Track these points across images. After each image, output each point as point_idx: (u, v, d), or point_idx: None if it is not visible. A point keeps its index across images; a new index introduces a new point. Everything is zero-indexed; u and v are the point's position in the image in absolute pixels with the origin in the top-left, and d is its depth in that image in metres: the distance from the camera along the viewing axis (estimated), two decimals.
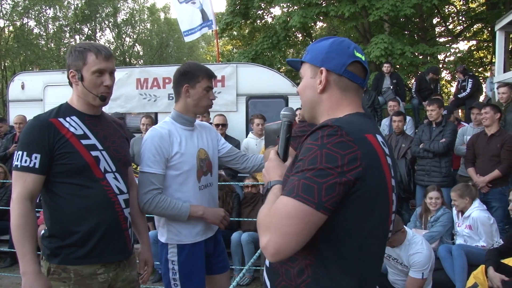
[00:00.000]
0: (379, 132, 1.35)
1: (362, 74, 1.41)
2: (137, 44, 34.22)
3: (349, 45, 1.41)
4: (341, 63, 1.37)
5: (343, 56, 1.38)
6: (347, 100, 1.40)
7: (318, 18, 15.36)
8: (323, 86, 1.39)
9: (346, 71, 1.37)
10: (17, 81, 8.78)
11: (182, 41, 32.95)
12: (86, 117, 2.14)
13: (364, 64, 1.41)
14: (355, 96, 1.41)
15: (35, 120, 2.06)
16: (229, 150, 2.79)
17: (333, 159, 1.16)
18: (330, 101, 1.40)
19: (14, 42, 26.05)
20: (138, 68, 8.47)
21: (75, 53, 2.09)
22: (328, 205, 1.15)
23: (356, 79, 1.39)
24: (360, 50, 1.43)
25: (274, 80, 7.59)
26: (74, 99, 2.17)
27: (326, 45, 1.42)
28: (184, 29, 9.87)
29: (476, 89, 9.13)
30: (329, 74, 1.38)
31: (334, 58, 1.38)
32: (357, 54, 1.39)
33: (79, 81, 2.09)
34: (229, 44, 24.95)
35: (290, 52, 22.37)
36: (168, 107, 7.53)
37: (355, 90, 1.41)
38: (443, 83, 19.07)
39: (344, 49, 1.39)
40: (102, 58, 2.09)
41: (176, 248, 2.49)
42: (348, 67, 1.38)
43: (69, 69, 2.11)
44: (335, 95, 1.40)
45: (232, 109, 7.58)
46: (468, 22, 17.87)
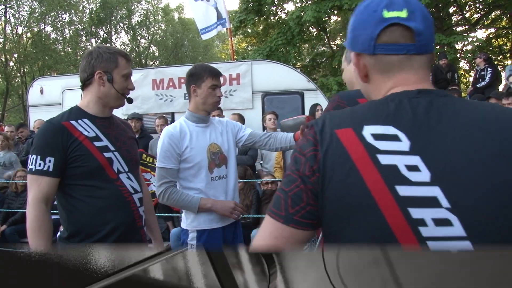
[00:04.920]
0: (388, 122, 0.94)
1: (405, 38, 0.99)
2: (152, 45, 34.48)
3: (377, 5, 1.01)
4: (367, 39, 1.01)
5: (368, 27, 1.01)
6: (390, 82, 1.02)
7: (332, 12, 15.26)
8: (361, 75, 1.08)
9: (377, 47, 1.00)
10: (36, 86, 8.92)
11: (197, 40, 33.22)
12: (97, 119, 2.17)
13: (404, 23, 0.98)
14: (404, 71, 1.01)
15: (48, 123, 2.10)
16: (249, 136, 2.94)
17: (297, 162, 0.97)
18: (375, 88, 1.07)
19: (32, 48, 26.51)
20: (154, 69, 8.54)
21: (105, 55, 2.13)
22: (298, 218, 0.95)
23: (396, 49, 1.00)
24: (398, 5, 1.00)
25: (289, 76, 7.56)
26: (89, 101, 2.18)
27: (352, 19, 1.07)
28: (201, 27, 9.86)
29: (495, 78, 8.96)
30: (360, 58, 1.05)
31: (360, 34, 1.03)
32: (389, 14, 0.99)
33: (108, 83, 2.13)
34: (244, 42, 24.95)
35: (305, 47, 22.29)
36: (184, 106, 7.56)
37: (402, 63, 1.01)
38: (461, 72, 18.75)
39: (369, 16, 1.01)
40: (129, 63, 2.21)
41: (195, 233, 2.69)
42: (379, 39, 1.00)
43: (94, 70, 2.12)
44: (377, 80, 1.05)
45: (248, 107, 7.58)
46: (486, 9, 17.52)
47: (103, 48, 2.18)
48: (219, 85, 2.74)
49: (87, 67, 2.15)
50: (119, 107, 2.26)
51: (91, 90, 2.17)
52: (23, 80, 27.32)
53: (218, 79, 2.73)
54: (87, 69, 2.15)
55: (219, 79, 2.74)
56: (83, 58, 2.19)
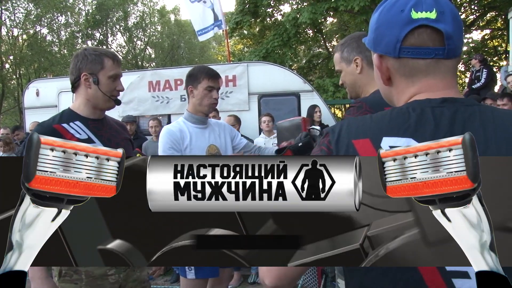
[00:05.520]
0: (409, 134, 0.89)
1: (433, 41, 0.93)
2: (149, 47, 34.46)
3: (404, 5, 0.94)
4: (393, 40, 0.95)
5: (394, 28, 0.94)
6: (414, 87, 0.97)
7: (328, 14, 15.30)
8: (383, 78, 1.01)
9: (403, 50, 0.94)
10: (32, 89, 8.88)
11: (193, 42, 33.21)
12: (89, 121, 2.16)
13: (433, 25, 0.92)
14: (429, 76, 0.95)
15: (39, 127, 2.10)
16: (245, 145, 3.00)
17: None
18: (397, 93, 1.01)
19: (28, 50, 26.43)
20: (150, 71, 8.51)
21: (91, 57, 2.11)
22: None
23: (424, 53, 0.94)
24: (427, 5, 0.93)
25: (285, 78, 7.55)
26: (80, 104, 2.18)
27: (375, 18, 1.01)
28: (197, 28, 9.84)
29: (490, 79, 9.00)
30: (384, 60, 0.99)
31: (384, 35, 0.97)
32: (417, 15, 0.93)
33: (94, 85, 2.11)
34: (240, 44, 24.96)
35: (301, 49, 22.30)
36: (180, 108, 7.55)
37: (428, 68, 0.95)
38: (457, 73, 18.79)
39: (395, 16, 0.95)
40: (117, 64, 2.17)
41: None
42: (406, 42, 0.94)
43: (80, 72, 2.11)
44: (400, 84, 0.99)
45: (244, 108, 7.56)
46: (481, 10, 17.60)
47: (90, 50, 2.17)
48: (216, 87, 2.74)
49: (74, 70, 2.14)
50: (110, 109, 2.23)
51: (80, 92, 2.16)
52: (19, 82, 27.22)
53: (216, 81, 2.73)
54: (74, 71, 2.14)
55: (217, 81, 2.74)
56: (71, 60, 2.19)
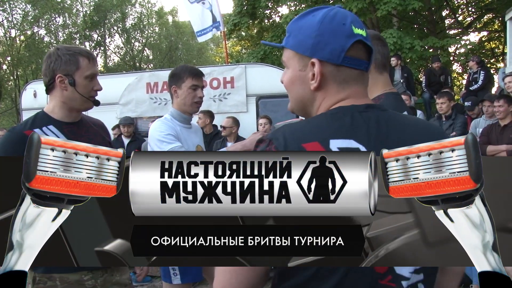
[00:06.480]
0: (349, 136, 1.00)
1: (365, 55, 1.07)
2: (147, 48, 34.38)
3: (344, 19, 1.05)
4: (338, 49, 1.03)
5: (339, 38, 1.03)
6: (344, 93, 1.06)
7: None
8: (317, 83, 1.06)
9: (345, 58, 1.03)
10: (29, 90, 8.85)
11: (191, 43, 33.18)
12: (63, 125, 2.06)
13: (366, 42, 1.06)
14: (357, 85, 1.08)
15: (10, 133, 2.02)
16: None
17: None
18: (324, 98, 1.08)
19: (26, 51, 26.37)
20: (148, 72, 8.51)
21: (64, 57, 1.99)
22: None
23: (358, 64, 1.06)
24: (359, 23, 1.07)
25: None
26: (54, 106, 2.08)
27: (314, 25, 1.05)
28: (196, 29, 9.84)
29: (488, 81, 9.03)
30: (323, 66, 1.05)
31: (328, 42, 1.04)
32: (357, 30, 1.04)
33: (70, 86, 2.00)
34: (238, 45, 24.98)
35: None
36: None
37: (357, 78, 1.08)
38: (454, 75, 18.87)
39: (339, 28, 1.04)
40: (93, 62, 2.05)
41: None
42: (348, 52, 1.03)
43: (54, 73, 1.99)
44: (331, 89, 1.07)
45: (242, 110, 7.56)
46: (478, 12, 17.68)
47: (63, 49, 2.03)
48: (200, 85, 2.70)
49: (47, 71, 2.03)
50: (87, 110, 2.14)
51: (55, 94, 2.05)
52: (16, 84, 27.15)
53: (199, 79, 2.69)
54: (47, 73, 2.03)
55: (201, 79, 2.70)
56: (44, 61, 2.07)
